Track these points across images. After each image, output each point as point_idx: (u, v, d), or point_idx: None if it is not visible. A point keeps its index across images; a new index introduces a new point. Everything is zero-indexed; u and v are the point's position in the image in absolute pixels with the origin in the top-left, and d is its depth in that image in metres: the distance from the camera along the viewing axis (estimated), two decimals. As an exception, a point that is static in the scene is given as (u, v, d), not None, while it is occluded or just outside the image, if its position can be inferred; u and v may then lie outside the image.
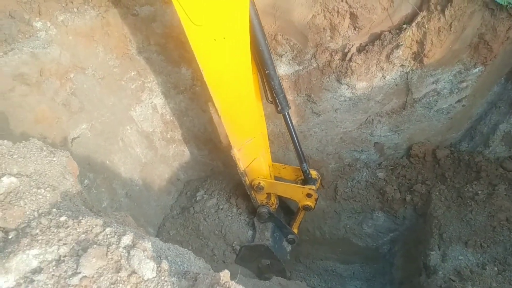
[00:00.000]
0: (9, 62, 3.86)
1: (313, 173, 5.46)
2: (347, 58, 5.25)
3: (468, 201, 5.18)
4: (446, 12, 4.75)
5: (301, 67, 5.46)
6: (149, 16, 4.98)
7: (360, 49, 5.27)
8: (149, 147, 5.52)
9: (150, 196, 5.78)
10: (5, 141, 2.23)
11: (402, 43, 5.05)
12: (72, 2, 4.62)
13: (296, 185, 5.36)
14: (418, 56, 5.11)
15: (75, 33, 4.57)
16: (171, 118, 5.72)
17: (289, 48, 5.41)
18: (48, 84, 4.20)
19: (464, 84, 5.28)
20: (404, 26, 5.05)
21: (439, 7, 4.84)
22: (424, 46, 5.01)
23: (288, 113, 4.53)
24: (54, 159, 2.33)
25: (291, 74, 5.51)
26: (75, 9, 4.61)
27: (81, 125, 4.55)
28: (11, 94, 3.81)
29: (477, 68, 5.10)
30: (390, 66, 5.24)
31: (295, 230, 6.07)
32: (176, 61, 5.31)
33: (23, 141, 2.33)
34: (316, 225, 6.82)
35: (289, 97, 5.60)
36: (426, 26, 4.91)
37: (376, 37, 5.23)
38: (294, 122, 5.85)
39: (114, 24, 4.82)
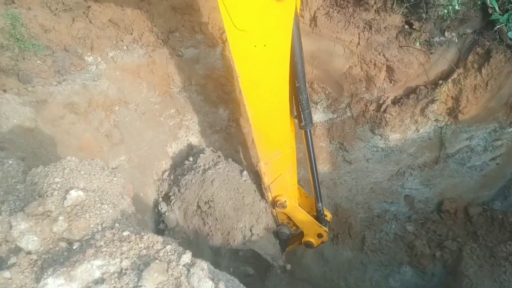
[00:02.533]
0: (62, 91, 4.05)
1: (328, 215, 5.38)
2: (382, 109, 5.33)
3: (502, 262, 5.04)
4: (483, 71, 4.85)
5: (335, 115, 5.56)
6: (193, 58, 5.19)
7: (395, 102, 5.37)
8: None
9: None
10: (73, 157, 2.32)
11: (437, 98, 5.13)
12: (122, 40, 4.87)
13: (315, 221, 5.20)
14: (453, 112, 5.16)
15: (123, 69, 4.78)
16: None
17: (325, 97, 5.53)
18: (94, 114, 4.36)
19: (499, 143, 5.28)
20: (440, 81, 5.15)
21: (476, 65, 4.95)
22: (459, 102, 5.08)
23: (310, 131, 4.32)
24: (115, 179, 2.40)
25: (325, 121, 5.60)
26: (124, 47, 4.86)
27: (120, 156, 4.67)
28: (61, 121, 3.96)
29: (513, 127, 5.13)
30: (425, 120, 5.29)
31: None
32: (214, 101, 5.46)
33: (88, 159, 2.42)
34: (341, 275, 6.66)
35: (322, 144, 5.67)
36: (462, 83, 5.00)
37: (412, 91, 5.32)
38: (325, 169, 5.90)
39: (159, 63, 5.03)
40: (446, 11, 4.85)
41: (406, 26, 5.20)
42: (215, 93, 5.42)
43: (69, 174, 2.17)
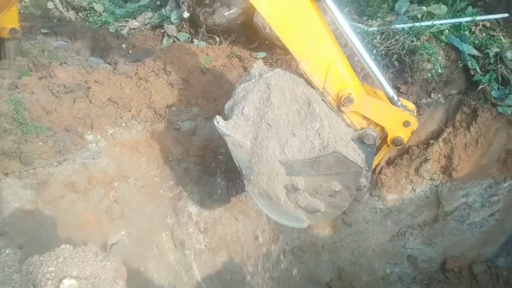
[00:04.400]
0: (63, 171, 4.16)
1: (409, 106, 4.21)
2: (377, 171, 5.42)
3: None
4: (472, 129, 5.00)
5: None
6: (190, 130, 5.35)
7: (389, 163, 5.47)
8: (182, 254, 5.56)
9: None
10: (67, 245, 2.38)
11: (430, 157, 5.24)
12: (121, 117, 5.06)
13: (395, 106, 4.05)
14: (447, 170, 5.25)
15: (122, 145, 4.93)
16: (205, 226, 5.83)
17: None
18: (94, 192, 4.44)
19: (496, 198, 5.33)
20: (431, 141, 5.29)
21: (464, 124, 5.11)
22: (452, 161, 5.19)
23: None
24: (108, 263, 2.44)
25: (322, 185, 5.65)
26: (123, 124, 5.03)
27: (120, 231, 4.70)
28: (61, 200, 4.04)
29: (507, 183, 5.19)
30: (420, 179, 5.37)
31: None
32: (212, 171, 5.57)
33: (82, 245, 2.47)
34: None
35: (320, 207, 5.70)
36: (453, 142, 5.13)
37: (404, 151, 5.45)
38: (325, 233, 5.89)
39: (157, 137, 5.18)
40: (430, 74, 5.08)
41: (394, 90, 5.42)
42: (212, 163, 5.54)
43: (63, 262, 2.23)
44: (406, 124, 3.99)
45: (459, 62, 5.17)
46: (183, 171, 5.49)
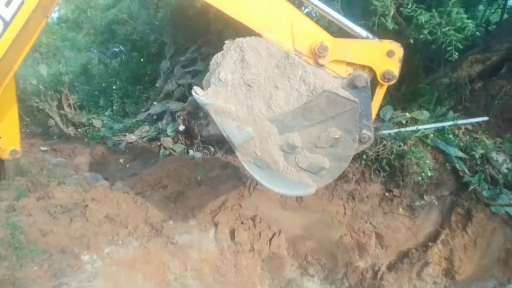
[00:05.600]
0: (57, 297, 4.05)
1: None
2: (378, 277, 5.31)
3: None
4: (468, 230, 5.03)
5: (333, 287, 5.49)
6: (187, 243, 5.32)
7: (390, 267, 5.38)
8: None
9: None
10: None
11: (430, 260, 5.18)
12: (118, 235, 5.05)
13: (371, 40, 3.81)
14: (449, 273, 5.16)
15: (118, 263, 4.85)
16: None
17: (320, 268, 5.55)
18: (88, 316, 4.29)
19: (504, 305, 5.17)
20: (430, 243, 5.26)
21: (460, 225, 5.15)
22: (453, 263, 5.13)
23: None
24: None
25: (324, 294, 5.50)
26: (120, 241, 5.01)
27: None
28: (54, 329, 3.88)
29: (512, 284, 5.08)
30: (423, 283, 5.24)
31: None
32: (211, 285, 5.43)
33: None
34: None
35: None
36: (452, 243, 5.12)
37: (404, 255, 5.39)
38: None
39: (154, 253, 5.12)
40: (420, 177, 5.23)
41: (387, 194, 5.55)
42: (211, 276, 5.42)
43: None
44: (390, 54, 3.79)
45: (447, 164, 5.35)
46: (181, 286, 5.35)
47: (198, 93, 3.79)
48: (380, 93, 3.93)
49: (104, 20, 9.71)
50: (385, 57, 3.72)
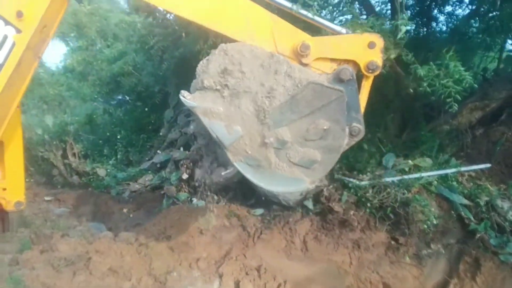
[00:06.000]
0: None
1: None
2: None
3: None
4: (477, 279, 4.93)
5: None
6: (191, 296, 5.22)
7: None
8: None
9: None
10: None
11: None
12: (121, 287, 4.97)
13: (351, 34, 3.97)
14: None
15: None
16: None
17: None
18: None
19: None
20: (439, 294, 5.16)
21: (469, 274, 5.05)
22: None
23: None
24: None
25: None
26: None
27: None
28: None
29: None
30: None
31: None
32: None
33: None
34: None
35: None
36: (461, 293, 5.00)
37: (415, 306, 5.26)
38: None
39: (157, 306, 5.03)
40: (425, 225, 5.19)
41: (393, 242, 5.48)
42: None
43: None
44: (371, 45, 3.86)
45: (452, 212, 5.33)
46: None
47: (185, 97, 3.88)
48: (366, 86, 4.03)
49: (110, 72, 9.97)
50: (366, 49, 3.83)
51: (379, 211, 5.60)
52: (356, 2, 6.29)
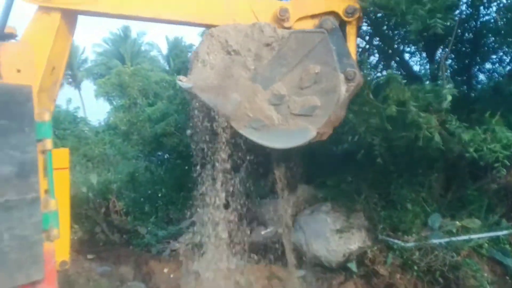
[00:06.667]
0: None
1: None
2: None
3: None
4: None
5: None
6: None
7: None
8: None
9: None
10: None
11: None
12: None
13: None
14: None
15: None
16: None
17: None
18: None
19: None
20: None
21: None
22: None
23: None
24: None
25: None
26: None
27: None
28: None
29: None
30: None
31: None
32: None
33: None
34: None
35: None
36: None
37: None
38: None
39: None
40: (478, 291, 4.92)
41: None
42: None
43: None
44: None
45: (507, 277, 5.05)
46: None
47: (182, 80, 4.11)
48: (351, 32, 4.15)
49: (153, 132, 10.31)
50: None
51: (427, 275, 5.36)
52: (393, 62, 6.37)
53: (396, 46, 6.13)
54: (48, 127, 2.61)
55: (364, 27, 5.52)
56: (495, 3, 5.43)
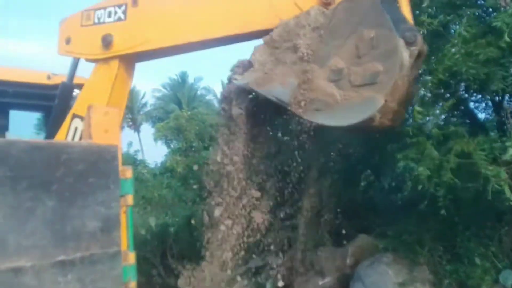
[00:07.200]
0: None
1: None
2: None
3: None
4: None
5: None
6: None
7: None
8: None
9: None
10: None
11: None
12: None
13: None
14: None
15: None
16: None
17: None
18: None
19: None
20: None
21: None
22: None
23: None
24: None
25: None
26: None
27: None
28: None
29: None
30: None
31: None
32: None
33: None
34: None
35: None
36: None
37: None
38: None
39: None
40: None
41: None
42: None
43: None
44: None
45: None
46: None
47: (237, 79, 4.12)
48: None
49: (210, 178, 10.55)
50: None
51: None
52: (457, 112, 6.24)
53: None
54: (130, 184, 2.79)
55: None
56: None
